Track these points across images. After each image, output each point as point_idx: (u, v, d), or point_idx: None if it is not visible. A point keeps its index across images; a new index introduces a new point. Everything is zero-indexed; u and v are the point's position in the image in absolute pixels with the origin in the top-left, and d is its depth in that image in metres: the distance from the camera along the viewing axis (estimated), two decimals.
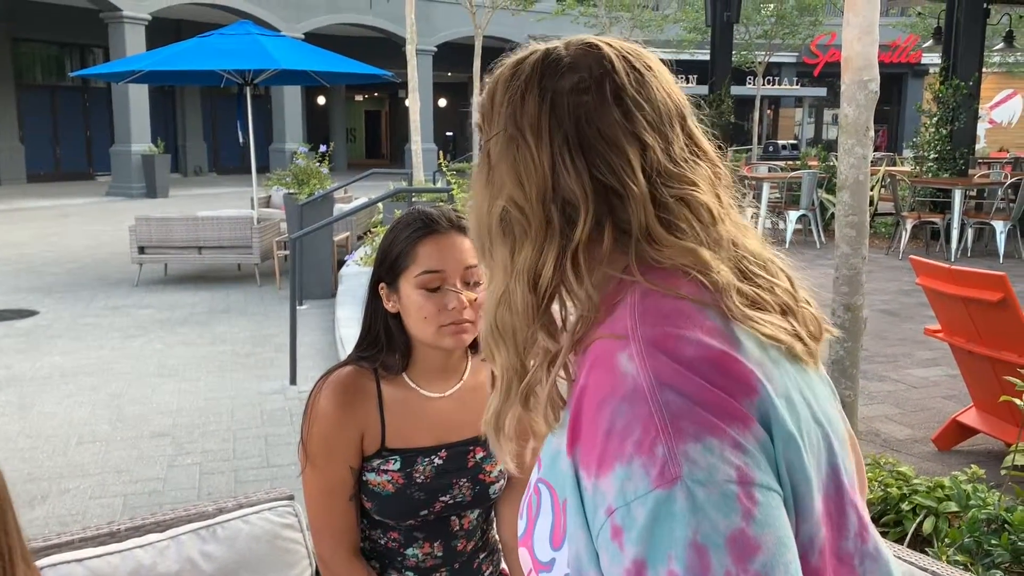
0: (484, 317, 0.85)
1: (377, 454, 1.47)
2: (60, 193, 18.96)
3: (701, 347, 0.73)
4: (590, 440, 0.73)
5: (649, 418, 0.69)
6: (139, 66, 9.50)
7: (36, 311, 7.43)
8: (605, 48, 0.84)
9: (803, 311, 0.84)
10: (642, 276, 0.78)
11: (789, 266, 0.88)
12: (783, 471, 0.71)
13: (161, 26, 19.67)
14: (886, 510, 2.84)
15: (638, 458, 0.68)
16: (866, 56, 3.01)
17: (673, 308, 0.76)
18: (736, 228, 0.84)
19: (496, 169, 0.82)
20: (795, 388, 0.77)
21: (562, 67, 0.82)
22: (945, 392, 5.05)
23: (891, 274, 8.98)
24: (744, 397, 0.71)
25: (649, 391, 0.70)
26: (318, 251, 7.93)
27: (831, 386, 0.88)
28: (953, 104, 10.67)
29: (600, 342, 0.77)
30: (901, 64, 29.82)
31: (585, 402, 0.75)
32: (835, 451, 0.78)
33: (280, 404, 4.95)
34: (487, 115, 0.86)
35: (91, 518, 3.51)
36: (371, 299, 1.50)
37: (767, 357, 0.76)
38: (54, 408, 4.88)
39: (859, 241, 3.11)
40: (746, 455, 0.69)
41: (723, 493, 0.67)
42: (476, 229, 0.86)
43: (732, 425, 0.69)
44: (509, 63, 0.87)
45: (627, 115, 0.80)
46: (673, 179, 0.80)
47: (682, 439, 0.68)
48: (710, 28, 15.04)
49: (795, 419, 0.74)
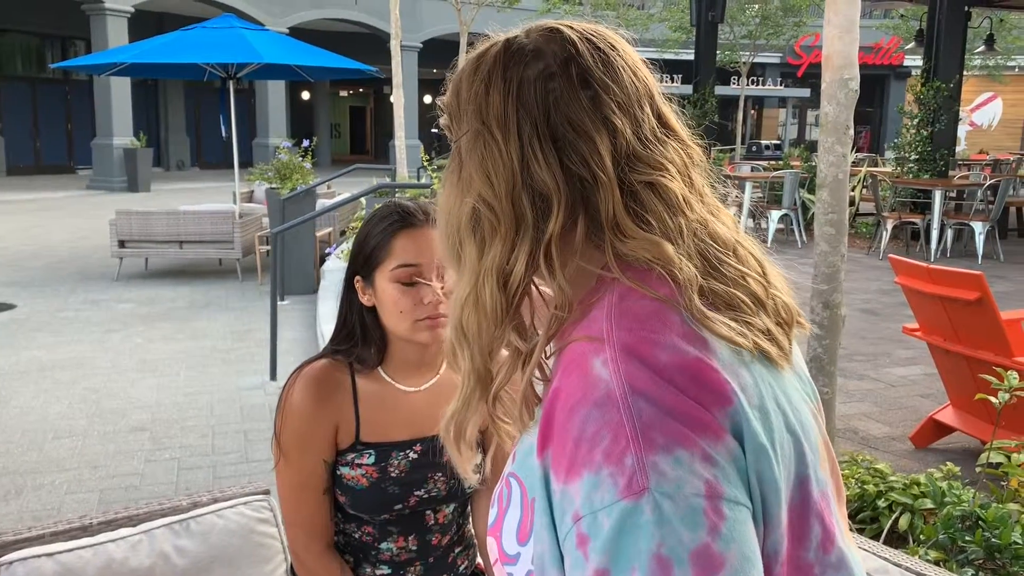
0: (449, 320, 0.83)
1: (351, 448, 1.46)
2: (40, 186, 18.79)
3: (676, 354, 0.72)
4: (560, 445, 0.72)
5: (620, 427, 0.68)
6: (121, 59, 9.43)
7: (13, 305, 7.35)
8: (567, 31, 0.82)
9: (775, 298, 0.83)
10: (621, 272, 0.76)
11: (760, 250, 0.86)
12: (753, 483, 0.70)
13: (144, 18, 19.51)
14: (863, 507, 2.86)
15: (606, 467, 0.67)
16: (846, 55, 3.02)
17: (650, 311, 0.75)
18: (707, 210, 0.82)
19: (465, 167, 0.80)
20: (769, 396, 0.76)
21: (525, 55, 0.80)
22: (923, 390, 5.10)
23: (872, 274, 9.04)
24: (717, 408, 0.70)
25: (621, 398, 0.69)
26: (300, 246, 7.90)
27: (809, 383, 0.87)
28: (934, 106, 10.76)
29: (575, 344, 0.76)
30: (883, 66, 30.07)
31: (558, 406, 0.73)
32: (806, 461, 0.77)
33: (260, 399, 4.92)
34: (454, 114, 0.84)
35: (65, 513, 3.48)
36: (346, 292, 1.49)
37: (740, 362, 0.75)
38: (31, 402, 4.83)
39: (838, 239, 3.12)
40: (716, 468, 0.68)
41: (690, 507, 0.66)
42: (445, 230, 0.83)
43: (704, 437, 0.68)
44: (471, 58, 0.84)
45: (595, 99, 0.78)
46: (642, 162, 0.79)
47: (652, 450, 0.67)
48: (695, 28, 15.08)
49: (768, 430, 0.73)
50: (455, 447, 0.85)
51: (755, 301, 0.80)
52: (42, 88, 22.53)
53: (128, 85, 18.52)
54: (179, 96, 25.21)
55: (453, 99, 0.84)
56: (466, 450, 0.85)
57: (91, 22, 18.47)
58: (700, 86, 14.54)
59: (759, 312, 0.80)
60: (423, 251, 1.41)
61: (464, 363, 0.82)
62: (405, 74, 13.11)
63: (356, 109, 35.95)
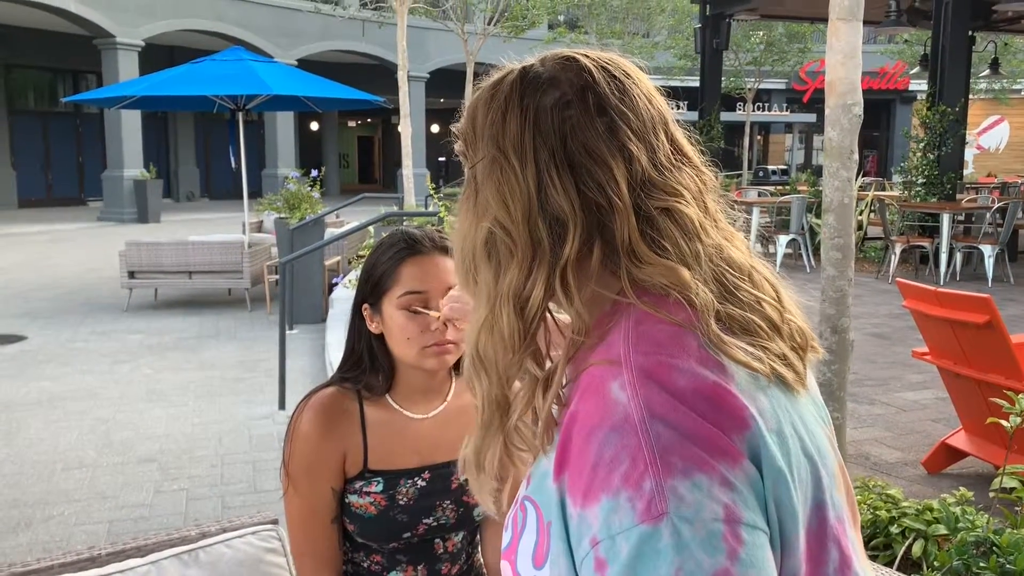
0: (467, 346, 0.83)
1: (359, 476, 1.46)
2: (51, 218, 18.94)
3: (695, 378, 0.72)
4: (578, 468, 0.72)
5: (638, 450, 0.68)
6: (132, 92, 9.54)
7: (24, 336, 7.39)
8: (583, 60, 0.83)
9: (790, 324, 0.83)
10: (636, 298, 0.77)
11: (774, 275, 0.86)
12: (771, 508, 0.70)
13: (154, 52, 19.76)
14: (875, 533, 2.83)
15: (625, 491, 0.68)
16: (850, 80, 3.04)
17: (667, 335, 0.75)
18: (722, 236, 0.83)
19: (481, 193, 0.81)
20: (787, 420, 0.76)
21: (541, 83, 0.81)
22: (935, 415, 5.06)
23: (881, 298, 9.01)
24: (735, 432, 0.70)
25: (640, 422, 0.69)
26: (309, 275, 7.93)
27: (822, 407, 0.87)
28: (940, 130, 10.77)
29: (592, 368, 0.76)
30: (889, 90, 30.18)
31: (575, 429, 0.73)
32: (822, 486, 0.78)
33: (268, 429, 4.92)
34: (470, 140, 0.84)
35: (75, 544, 3.47)
36: (354, 320, 1.50)
37: (758, 386, 0.75)
38: (40, 434, 4.84)
39: (845, 263, 3.12)
40: (734, 492, 0.68)
41: (709, 531, 0.66)
42: (460, 255, 0.84)
43: (722, 461, 0.68)
44: (487, 85, 0.85)
45: (611, 126, 0.79)
46: (658, 189, 0.79)
47: (670, 474, 0.67)
48: (699, 55, 15.19)
49: (785, 454, 0.73)
50: (475, 476, 0.85)
51: (771, 326, 0.80)
52: (54, 122, 22.80)
53: (138, 117, 18.72)
54: (189, 128, 25.47)
55: (469, 126, 0.85)
56: (486, 479, 0.84)
57: (103, 56, 18.72)
58: (706, 112, 14.63)
59: (775, 337, 0.80)
60: (430, 278, 1.42)
61: (481, 389, 0.82)
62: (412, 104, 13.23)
63: (364, 139, 36.22)
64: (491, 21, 17.40)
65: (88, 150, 23.10)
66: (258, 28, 21.44)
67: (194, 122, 25.42)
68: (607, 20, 20.64)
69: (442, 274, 1.43)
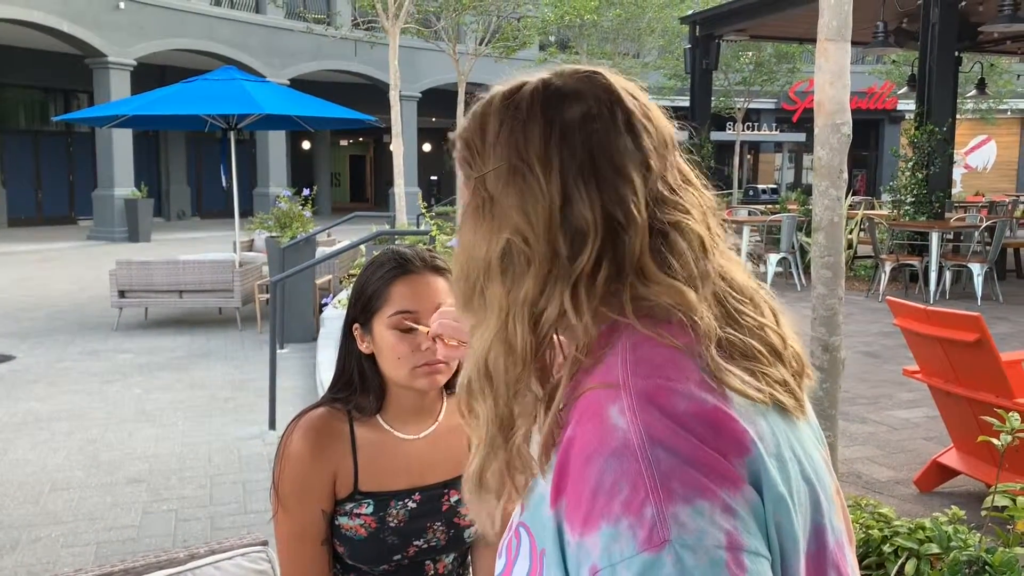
0: (469, 363, 0.81)
1: (350, 497, 1.45)
2: (41, 237, 18.87)
3: (694, 402, 0.71)
4: (576, 495, 0.70)
5: (639, 476, 0.67)
6: (123, 111, 9.55)
7: (12, 356, 7.34)
8: (606, 75, 0.83)
9: (789, 351, 0.83)
10: (636, 319, 0.76)
11: (773, 298, 0.86)
12: (772, 533, 0.70)
13: (146, 71, 19.79)
14: (868, 552, 2.82)
15: (626, 519, 0.67)
16: (838, 100, 3.06)
17: (666, 358, 0.74)
18: (725, 259, 0.83)
19: (498, 203, 0.79)
20: (786, 445, 0.75)
21: (565, 95, 0.80)
22: (926, 433, 5.06)
23: (871, 316, 9.04)
24: (736, 457, 0.70)
25: (639, 448, 0.68)
26: (300, 294, 7.91)
27: (818, 430, 0.87)
28: (928, 149, 10.86)
29: (590, 392, 0.75)
30: (878, 110, 30.44)
31: (572, 454, 0.72)
32: (822, 510, 0.77)
33: (258, 449, 4.89)
34: (478, 149, 0.82)
35: (62, 567, 3.43)
36: (345, 340, 1.49)
37: (757, 410, 0.74)
38: (27, 455, 4.79)
39: (835, 281, 3.13)
40: (736, 519, 0.67)
41: (712, 559, 0.65)
42: (467, 268, 0.81)
43: (723, 487, 0.68)
44: (500, 94, 0.83)
45: (636, 142, 0.79)
46: (668, 206, 0.79)
47: (672, 501, 0.66)
48: (689, 75, 15.30)
49: (785, 479, 0.73)
50: (476, 495, 0.83)
51: (772, 352, 0.80)
52: (45, 140, 22.77)
53: (130, 136, 18.73)
54: (180, 146, 25.46)
55: (476, 134, 0.83)
56: (488, 498, 0.82)
57: (94, 75, 18.74)
58: (696, 132, 14.71)
59: (776, 363, 0.80)
60: (421, 298, 1.42)
61: (485, 409, 0.80)
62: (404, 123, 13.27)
63: (356, 158, 36.27)
64: (482, 41, 17.50)
65: (79, 169, 23.06)
66: (250, 48, 21.51)
67: (185, 141, 25.42)
68: (598, 41, 20.78)
69: (433, 294, 1.42)
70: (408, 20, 12.15)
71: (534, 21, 19.33)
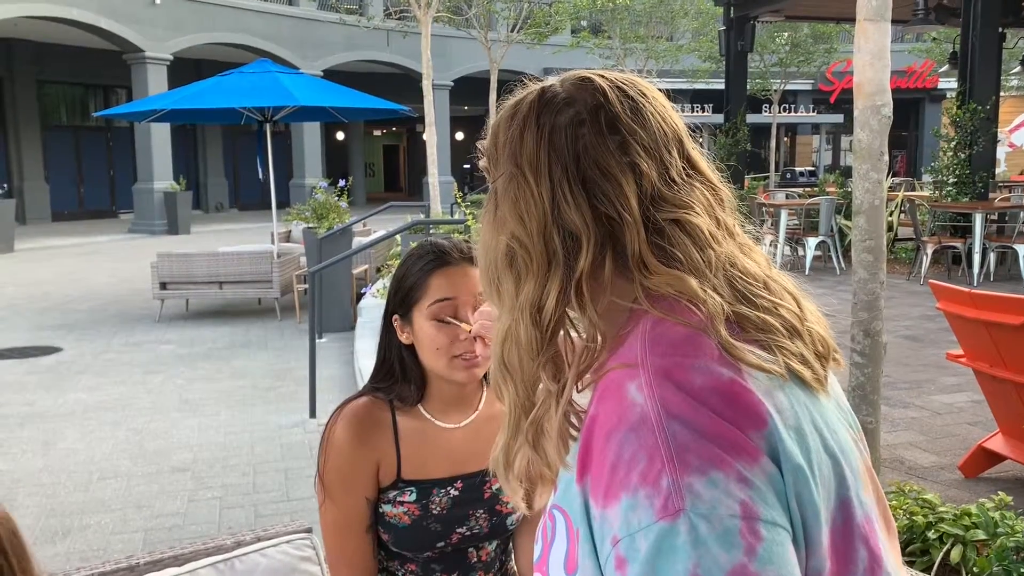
0: (492, 353, 0.86)
1: (393, 485, 1.47)
2: (84, 231, 19.24)
3: (711, 376, 0.73)
4: (598, 470, 0.73)
5: (655, 449, 0.69)
6: (161, 105, 9.66)
7: (59, 348, 7.51)
8: (598, 80, 0.85)
9: (810, 331, 0.83)
10: (650, 304, 0.78)
11: (795, 285, 0.87)
12: (793, 505, 0.71)
13: (182, 65, 20.03)
14: (912, 538, 2.80)
15: (643, 489, 0.69)
16: (878, 81, 3.01)
17: (683, 336, 0.76)
18: (738, 249, 0.84)
19: (500, 208, 0.84)
20: (806, 418, 0.76)
21: (558, 102, 0.84)
22: (970, 418, 4.98)
23: (913, 299, 8.90)
24: (752, 429, 0.71)
25: (656, 421, 0.71)
26: (337, 284, 7.98)
27: (849, 412, 0.87)
28: (971, 128, 10.62)
29: (611, 373, 0.78)
30: (918, 89, 29.81)
31: (595, 432, 0.75)
32: (847, 483, 0.78)
33: (300, 437, 4.96)
34: (492, 157, 0.88)
35: (111, 553, 3.51)
36: (385, 331, 1.51)
37: (776, 383, 0.76)
38: (76, 444, 4.91)
39: (876, 266, 3.09)
40: (752, 489, 0.68)
41: (726, 528, 0.67)
42: (484, 268, 0.87)
43: (739, 458, 0.69)
44: (508, 105, 0.89)
45: (622, 143, 0.82)
46: (667, 202, 0.81)
47: (687, 471, 0.68)
48: (724, 58, 15.12)
49: (804, 450, 0.74)
50: (504, 475, 0.87)
51: (789, 328, 0.81)
52: (85, 136, 23.18)
53: (168, 131, 18.98)
54: (217, 140, 25.77)
55: (491, 143, 0.89)
56: (514, 478, 0.86)
57: (132, 71, 19.00)
58: (731, 115, 14.55)
59: (794, 338, 0.81)
60: (459, 287, 1.43)
61: (508, 394, 0.85)
62: (437, 112, 13.28)
63: (389, 148, 36.42)
64: (514, 28, 17.45)
65: (119, 163, 23.45)
66: (284, 40, 21.66)
67: (222, 134, 25.72)
68: (630, 24, 20.58)
69: (471, 284, 1.44)
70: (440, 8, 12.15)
71: (566, 6, 19.21)
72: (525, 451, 0.84)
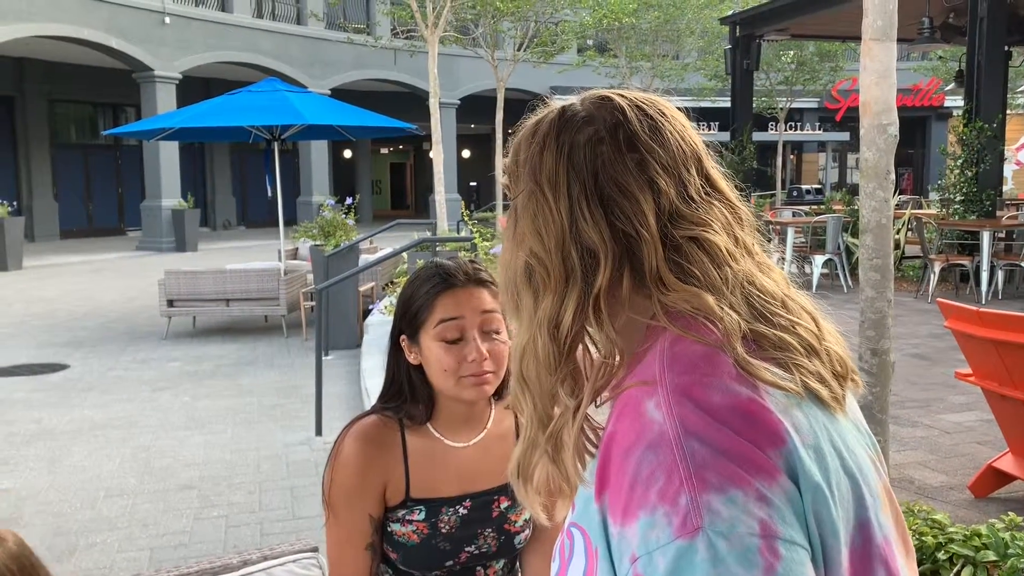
0: (512, 367, 0.87)
1: (402, 504, 1.47)
2: (92, 248, 19.33)
3: (729, 394, 0.73)
4: (617, 488, 0.73)
5: (674, 467, 0.70)
6: (169, 124, 9.73)
7: (67, 365, 7.52)
8: (617, 99, 0.86)
9: (828, 350, 0.83)
10: (668, 321, 0.79)
11: (813, 305, 0.87)
12: (811, 525, 0.71)
13: (191, 84, 20.18)
14: (922, 559, 2.77)
15: (661, 507, 0.69)
16: (884, 101, 3.02)
17: (701, 354, 0.76)
18: (756, 267, 0.84)
19: (519, 225, 0.85)
20: (825, 437, 0.76)
21: (578, 121, 0.85)
22: (980, 437, 4.95)
23: (921, 318, 8.87)
24: (771, 447, 0.71)
25: (675, 439, 0.71)
26: (344, 302, 7.99)
27: (868, 435, 0.87)
28: (978, 146, 10.63)
29: (629, 390, 0.78)
30: (924, 107, 29.82)
31: (613, 450, 0.75)
32: (865, 504, 0.77)
33: (306, 455, 4.95)
34: (513, 175, 0.89)
35: (117, 572, 3.51)
36: (393, 350, 1.51)
37: (794, 402, 0.76)
38: (83, 461, 4.91)
39: (884, 284, 3.08)
40: (771, 508, 0.68)
41: (745, 546, 0.66)
42: (504, 284, 0.88)
43: (757, 477, 0.69)
44: (529, 123, 0.90)
45: (641, 162, 0.82)
46: (685, 220, 0.82)
47: (705, 489, 0.68)
48: (730, 76, 15.17)
49: (823, 470, 0.73)
50: (521, 487, 0.87)
51: (806, 347, 0.81)
52: (94, 154, 23.33)
53: (176, 149, 19.09)
54: (225, 158, 25.91)
55: (512, 161, 0.90)
56: (531, 490, 0.86)
57: (141, 89, 19.14)
58: (737, 133, 14.57)
59: (811, 357, 0.81)
60: (464, 308, 1.44)
61: (527, 408, 0.85)
62: (444, 130, 13.35)
63: (396, 165, 36.58)
64: (521, 47, 17.54)
65: (128, 181, 23.59)
66: (292, 59, 21.82)
67: (230, 152, 25.87)
68: (636, 43, 20.68)
69: (477, 304, 1.44)
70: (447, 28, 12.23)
71: (572, 25, 19.32)
72: (544, 464, 0.85)
